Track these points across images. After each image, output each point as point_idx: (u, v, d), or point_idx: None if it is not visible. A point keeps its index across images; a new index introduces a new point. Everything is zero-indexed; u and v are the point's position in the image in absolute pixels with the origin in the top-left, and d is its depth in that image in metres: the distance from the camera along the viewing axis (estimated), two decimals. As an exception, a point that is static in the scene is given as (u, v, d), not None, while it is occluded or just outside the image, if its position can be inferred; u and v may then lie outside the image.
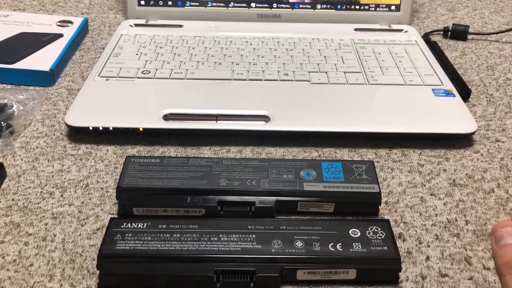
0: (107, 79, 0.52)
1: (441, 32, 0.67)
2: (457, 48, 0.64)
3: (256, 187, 0.39)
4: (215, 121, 0.46)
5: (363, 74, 0.54)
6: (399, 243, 0.37)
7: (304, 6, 0.65)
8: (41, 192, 0.41)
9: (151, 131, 0.46)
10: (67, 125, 0.46)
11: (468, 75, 0.58)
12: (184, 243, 0.34)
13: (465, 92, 0.53)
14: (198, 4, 0.65)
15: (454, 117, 0.48)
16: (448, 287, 0.34)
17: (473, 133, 0.46)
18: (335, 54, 0.58)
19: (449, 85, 0.53)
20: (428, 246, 0.37)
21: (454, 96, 0.51)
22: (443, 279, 0.34)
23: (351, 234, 0.35)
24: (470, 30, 0.66)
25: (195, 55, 0.57)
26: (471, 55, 0.62)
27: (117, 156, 0.45)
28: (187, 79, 0.53)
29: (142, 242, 0.34)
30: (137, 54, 0.57)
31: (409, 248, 0.37)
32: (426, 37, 0.65)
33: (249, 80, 0.53)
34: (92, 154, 0.45)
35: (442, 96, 0.50)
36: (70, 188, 0.41)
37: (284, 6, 0.65)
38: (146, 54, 0.57)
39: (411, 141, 0.47)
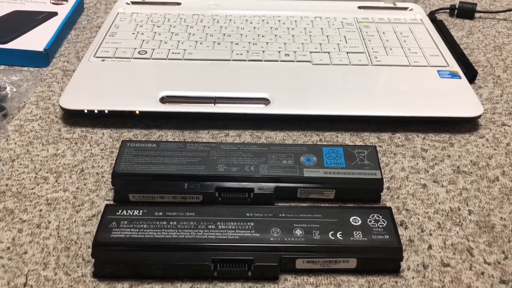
0: (102, 60, 0.51)
1: (447, 10, 0.65)
2: (463, 27, 0.62)
3: (255, 173, 0.38)
4: (213, 104, 0.45)
5: (367, 55, 0.53)
6: (401, 231, 0.36)
7: (306, -17, 0.63)
8: (35, 177, 0.40)
9: (148, 114, 0.45)
10: (61, 108, 0.44)
11: (474, 55, 0.56)
12: (181, 231, 0.33)
13: (471, 74, 0.51)
14: (196, -20, 0.63)
15: (460, 100, 0.46)
16: (450, 277, 0.33)
17: (479, 116, 0.45)
18: (337, 33, 0.57)
19: (455, 66, 0.51)
20: (430, 234, 0.36)
21: (460, 78, 0.49)
22: (445, 268, 0.34)
23: (352, 222, 0.34)
24: (478, 8, 0.64)
25: (193, 35, 0.55)
26: (478, 34, 0.61)
27: (113, 140, 0.44)
28: (184, 59, 0.51)
29: (138, 230, 0.33)
30: (133, 34, 0.55)
31: (411, 236, 0.36)
32: (431, 16, 0.63)
33: (248, 60, 0.51)
34: (87, 138, 0.44)
35: (447, 77, 0.49)
36: (65, 173, 0.40)
37: (285, -18, 0.63)
38: (143, 34, 0.55)
39: (415, 124, 0.46)
